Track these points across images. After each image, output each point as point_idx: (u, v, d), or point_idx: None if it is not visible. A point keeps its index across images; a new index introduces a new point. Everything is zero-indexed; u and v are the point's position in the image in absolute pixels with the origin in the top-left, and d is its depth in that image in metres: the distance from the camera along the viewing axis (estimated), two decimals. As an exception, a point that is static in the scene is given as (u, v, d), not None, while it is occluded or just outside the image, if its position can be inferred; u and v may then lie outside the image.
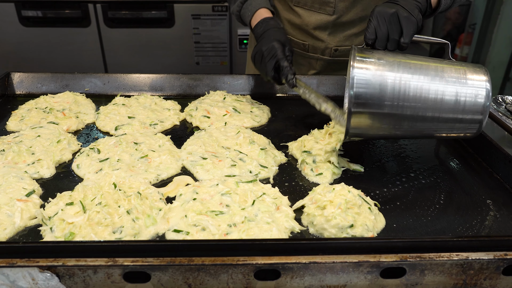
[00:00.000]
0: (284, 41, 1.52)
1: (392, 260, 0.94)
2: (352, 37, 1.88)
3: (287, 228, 1.10)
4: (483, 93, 1.19)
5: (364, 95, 1.17)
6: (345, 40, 1.88)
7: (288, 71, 1.45)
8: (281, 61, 1.47)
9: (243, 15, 1.72)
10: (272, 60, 1.47)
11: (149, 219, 1.10)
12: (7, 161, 1.31)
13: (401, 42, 1.27)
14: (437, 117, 1.21)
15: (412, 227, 1.13)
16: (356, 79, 1.17)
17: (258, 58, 1.53)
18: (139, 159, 1.35)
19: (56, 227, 1.06)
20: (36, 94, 1.82)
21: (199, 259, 0.92)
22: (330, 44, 1.88)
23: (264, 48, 1.50)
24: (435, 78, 1.20)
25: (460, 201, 1.24)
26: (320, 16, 1.81)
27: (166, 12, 3.32)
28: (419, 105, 1.19)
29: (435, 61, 1.24)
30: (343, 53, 1.91)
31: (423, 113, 1.20)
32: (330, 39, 1.87)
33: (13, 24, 3.28)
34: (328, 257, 0.94)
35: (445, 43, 1.32)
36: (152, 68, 3.52)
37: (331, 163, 1.34)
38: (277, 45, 1.48)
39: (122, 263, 0.91)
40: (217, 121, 1.61)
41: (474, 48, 5.05)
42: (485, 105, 1.19)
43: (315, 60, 1.95)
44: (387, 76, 1.18)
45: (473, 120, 1.21)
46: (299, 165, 1.39)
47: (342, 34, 1.86)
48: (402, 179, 1.34)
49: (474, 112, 1.20)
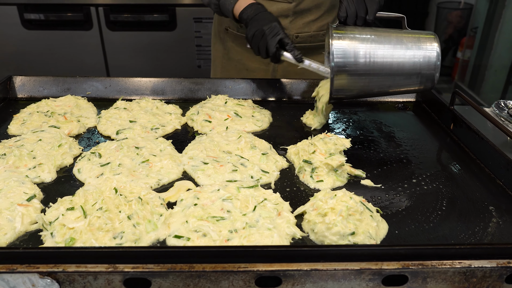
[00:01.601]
0: (280, 24, 1.65)
1: (394, 268, 0.93)
2: (310, 23, 1.99)
3: (289, 234, 1.09)
4: (434, 54, 1.48)
5: (342, 63, 1.45)
6: (304, 27, 1.99)
7: (294, 47, 1.62)
8: (285, 39, 1.61)
9: (223, 5, 1.78)
10: (276, 37, 1.60)
11: (150, 225, 1.10)
12: (8, 165, 1.31)
13: (367, 19, 1.54)
14: (400, 74, 1.49)
15: (414, 233, 1.13)
16: (335, 51, 1.44)
17: (259, 36, 1.62)
18: (140, 164, 1.35)
19: (57, 232, 1.05)
20: (38, 98, 1.82)
21: (200, 266, 0.92)
22: (292, 31, 1.98)
23: (265, 27, 1.61)
24: (396, 45, 1.48)
25: (462, 207, 1.24)
26: (280, 4, 1.93)
27: (168, 16, 3.33)
28: (386, 66, 1.47)
29: (395, 31, 1.52)
30: (303, 39, 2.01)
31: (389, 72, 1.48)
32: (291, 27, 1.97)
33: (16, 27, 3.28)
34: (329, 264, 0.93)
35: (401, 16, 1.57)
36: (153, 71, 3.53)
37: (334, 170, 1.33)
38: (279, 25, 1.62)
39: (123, 270, 0.90)
40: (218, 126, 1.61)
41: (476, 51, 5.05)
42: (436, 64, 1.47)
43: None
44: (359, 46, 1.46)
45: (428, 75, 1.49)
46: (297, 171, 1.38)
47: (302, 21, 1.97)
48: (404, 185, 1.33)
49: (429, 69, 1.48)
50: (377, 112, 1.85)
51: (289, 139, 1.59)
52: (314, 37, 2.02)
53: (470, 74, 5.19)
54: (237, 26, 2.02)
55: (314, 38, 2.02)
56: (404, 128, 1.71)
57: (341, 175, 1.33)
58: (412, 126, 1.75)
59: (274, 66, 2.08)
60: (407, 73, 1.48)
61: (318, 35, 2.03)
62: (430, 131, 1.70)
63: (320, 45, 2.06)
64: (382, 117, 1.80)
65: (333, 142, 1.37)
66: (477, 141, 1.48)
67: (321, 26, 2.01)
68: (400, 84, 1.52)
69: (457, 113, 1.62)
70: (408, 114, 1.85)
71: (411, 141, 1.61)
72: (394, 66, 1.47)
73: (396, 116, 1.82)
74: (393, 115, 1.84)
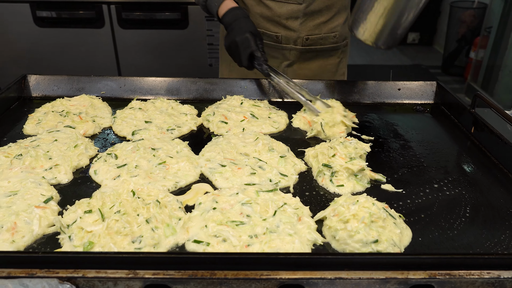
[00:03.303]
0: (255, 32, 1.70)
1: (420, 277, 0.91)
2: (320, 25, 1.96)
3: (310, 241, 1.07)
4: None
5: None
6: (314, 29, 1.96)
7: (262, 61, 1.68)
8: (255, 52, 1.67)
9: (209, 6, 1.83)
10: (247, 50, 1.66)
11: (169, 229, 1.08)
12: (24, 166, 1.30)
13: None
14: None
15: (438, 241, 1.10)
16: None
17: (233, 48, 1.70)
18: (157, 166, 1.33)
19: (75, 236, 1.04)
20: (52, 97, 1.81)
21: (222, 273, 0.90)
22: (302, 34, 1.95)
23: (238, 39, 1.67)
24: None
25: (486, 214, 1.21)
26: (290, 6, 1.90)
27: (180, 14, 3.31)
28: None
29: None
30: (314, 41, 1.99)
31: None
32: (301, 29, 1.94)
33: (28, 25, 3.28)
34: (354, 273, 0.91)
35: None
36: (165, 69, 3.51)
37: (354, 175, 1.30)
38: (250, 36, 1.66)
39: (143, 276, 0.89)
40: (234, 127, 1.59)
41: (489, 51, 4.98)
42: None
43: (288, 51, 2.02)
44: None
45: None
46: (315, 175, 1.35)
47: (312, 23, 1.94)
48: (425, 190, 1.30)
49: None
50: (395, 115, 1.82)
51: (306, 141, 1.57)
52: (325, 39, 2.00)
53: (483, 75, 5.12)
54: None
55: (324, 40, 2.00)
56: (422, 131, 1.68)
57: (362, 180, 1.31)
58: (431, 129, 1.71)
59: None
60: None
61: (329, 37, 2.01)
62: (450, 135, 1.66)
63: (330, 48, 2.04)
64: (400, 119, 1.77)
65: (353, 146, 1.35)
66: (500, 145, 1.45)
67: (332, 28, 1.99)
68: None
69: (479, 117, 1.58)
70: (426, 117, 1.81)
71: (431, 144, 1.58)
72: None
73: (414, 119, 1.79)
74: (411, 117, 1.80)
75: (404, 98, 1.92)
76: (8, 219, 1.07)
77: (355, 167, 1.28)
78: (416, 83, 1.92)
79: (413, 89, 1.92)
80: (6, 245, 1.01)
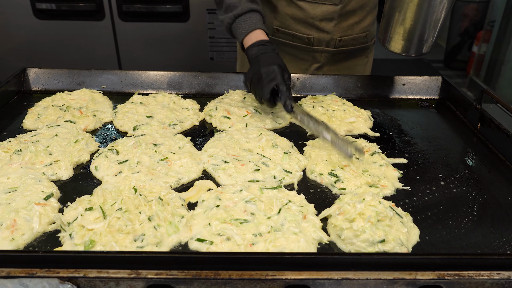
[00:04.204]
0: (283, 66, 1.50)
1: (429, 278, 0.89)
2: (353, 26, 1.89)
3: (315, 239, 1.05)
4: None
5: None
6: (347, 29, 1.89)
7: (287, 96, 1.45)
8: (280, 85, 1.45)
9: (235, 30, 1.63)
10: (271, 83, 1.45)
11: (171, 227, 1.06)
12: (24, 162, 1.27)
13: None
14: None
15: (446, 240, 1.08)
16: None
17: (256, 80, 1.50)
18: (159, 162, 1.31)
19: (76, 234, 1.02)
20: (52, 91, 1.79)
21: (226, 273, 0.88)
22: (335, 35, 1.87)
23: (263, 70, 1.46)
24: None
25: (494, 212, 1.19)
26: (325, 7, 1.81)
27: (181, 6, 3.27)
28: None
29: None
30: (346, 42, 1.91)
31: None
32: (335, 30, 1.86)
33: (27, 17, 3.24)
34: (361, 273, 0.89)
35: None
36: (165, 62, 3.48)
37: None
38: (277, 69, 1.46)
39: (146, 276, 0.87)
40: (237, 122, 1.56)
41: (492, 45, 4.94)
42: None
43: (319, 53, 1.94)
44: None
45: None
46: (316, 174, 1.31)
47: (346, 23, 1.87)
48: (432, 187, 1.28)
49: None
50: (399, 110, 1.80)
51: (309, 137, 1.55)
52: (356, 39, 1.93)
53: (486, 69, 5.08)
54: (273, 30, 1.93)
55: (355, 41, 1.93)
56: (428, 126, 1.66)
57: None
58: (436, 124, 1.69)
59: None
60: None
61: (360, 38, 1.94)
62: (456, 131, 1.64)
63: (361, 48, 1.98)
64: (404, 115, 1.75)
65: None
66: (507, 142, 1.43)
67: (363, 28, 1.92)
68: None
69: (485, 113, 1.56)
70: (431, 112, 1.79)
71: (437, 140, 1.56)
72: None
73: (419, 114, 1.77)
74: (416, 113, 1.78)
75: (409, 93, 1.89)
76: (7, 216, 1.05)
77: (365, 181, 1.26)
78: (421, 78, 1.89)
79: (418, 84, 1.89)
80: (6, 243, 0.99)
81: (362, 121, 1.61)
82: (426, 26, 1.52)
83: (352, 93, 1.87)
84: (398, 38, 1.57)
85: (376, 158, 1.36)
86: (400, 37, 1.57)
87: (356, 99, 1.83)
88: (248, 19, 1.60)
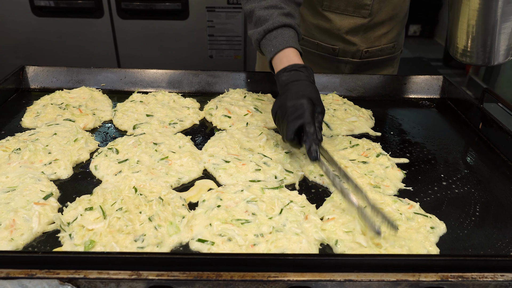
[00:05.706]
0: (316, 100, 1.25)
1: (432, 280, 0.88)
2: (381, 37, 1.83)
3: (317, 240, 1.04)
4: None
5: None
6: (375, 40, 1.83)
7: (313, 139, 1.20)
8: (306, 125, 1.20)
9: (263, 47, 1.40)
10: (297, 121, 1.21)
11: (172, 227, 1.05)
12: (23, 161, 1.26)
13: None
14: None
15: (448, 241, 1.07)
16: None
17: (281, 115, 1.26)
18: (159, 161, 1.30)
19: (76, 234, 1.01)
20: (51, 89, 1.77)
21: (228, 274, 0.87)
22: (362, 47, 1.82)
23: (289, 104, 1.23)
24: None
25: (497, 213, 1.18)
26: (353, 19, 1.74)
27: (180, 4, 3.25)
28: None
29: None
30: (373, 53, 1.86)
31: None
32: (362, 42, 1.81)
33: (26, 14, 3.22)
34: (364, 275, 0.88)
35: None
36: (165, 60, 3.46)
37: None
38: (307, 104, 1.22)
39: (147, 277, 0.86)
40: (238, 121, 1.55)
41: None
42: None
43: (344, 64, 1.89)
44: None
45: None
46: (316, 175, 1.30)
47: (373, 35, 1.81)
48: (434, 188, 1.27)
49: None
50: (400, 109, 1.79)
51: (311, 136, 1.54)
52: (383, 50, 1.89)
53: (485, 68, 5.08)
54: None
55: (382, 51, 1.89)
56: (429, 126, 1.65)
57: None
58: (438, 124, 1.68)
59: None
60: None
61: (387, 48, 1.89)
62: (457, 130, 1.63)
63: (388, 58, 1.93)
64: (405, 114, 1.74)
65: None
66: (509, 142, 1.42)
67: (391, 38, 1.88)
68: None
69: (487, 112, 1.55)
70: (432, 112, 1.78)
71: (438, 140, 1.55)
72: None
73: (420, 114, 1.76)
74: (417, 112, 1.77)
75: (410, 93, 1.88)
76: (6, 216, 1.04)
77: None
78: (422, 77, 1.88)
79: (419, 83, 1.88)
80: (5, 243, 0.98)
81: (363, 120, 1.61)
82: (494, 33, 1.38)
83: (353, 92, 1.87)
84: (474, 50, 1.44)
85: (382, 161, 1.34)
86: (474, 49, 1.44)
87: (357, 99, 1.82)
88: (280, 35, 1.36)
